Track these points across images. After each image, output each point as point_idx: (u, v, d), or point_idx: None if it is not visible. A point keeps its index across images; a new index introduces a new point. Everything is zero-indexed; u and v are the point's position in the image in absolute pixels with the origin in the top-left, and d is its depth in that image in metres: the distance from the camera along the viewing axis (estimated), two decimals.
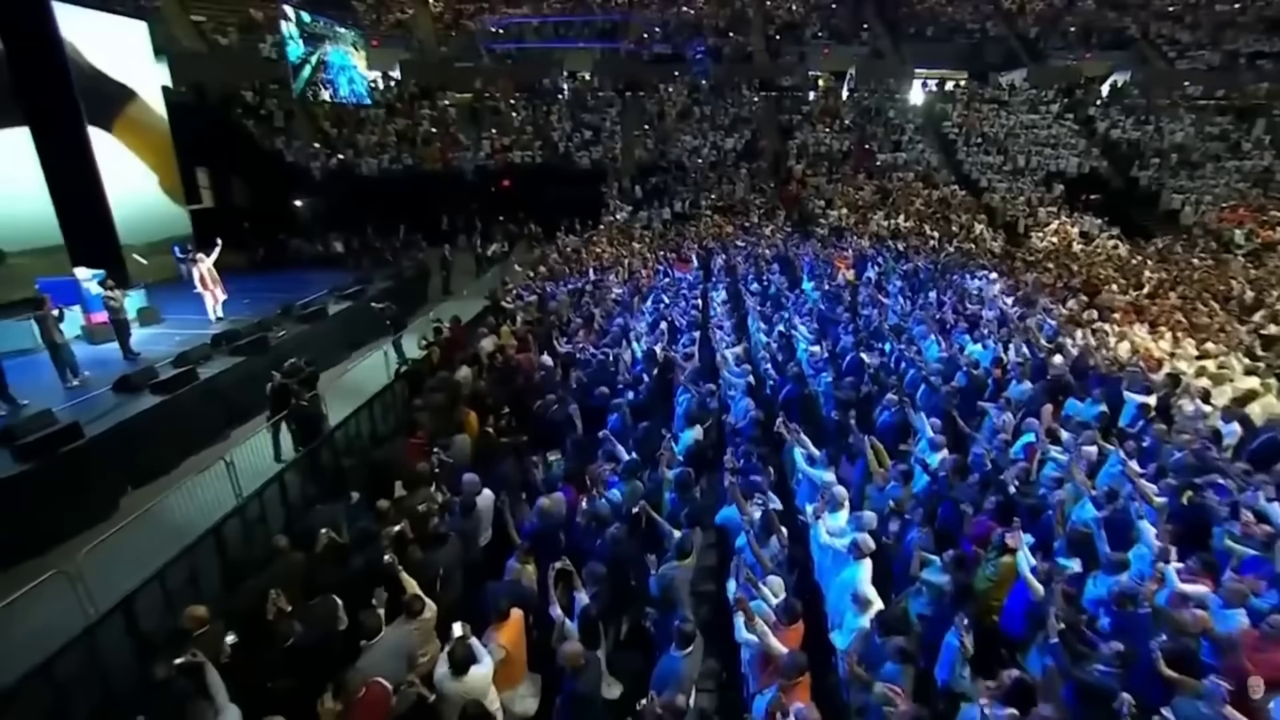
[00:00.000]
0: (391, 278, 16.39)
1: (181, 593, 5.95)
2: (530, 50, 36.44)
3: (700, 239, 20.59)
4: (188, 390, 9.82)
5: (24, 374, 10.40)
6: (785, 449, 7.19)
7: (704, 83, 32.17)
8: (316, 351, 12.45)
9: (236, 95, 26.53)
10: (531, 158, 27.40)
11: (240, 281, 16.79)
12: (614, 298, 12.74)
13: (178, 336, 12.43)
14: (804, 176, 26.44)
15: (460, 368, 9.31)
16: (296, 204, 24.41)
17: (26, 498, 7.69)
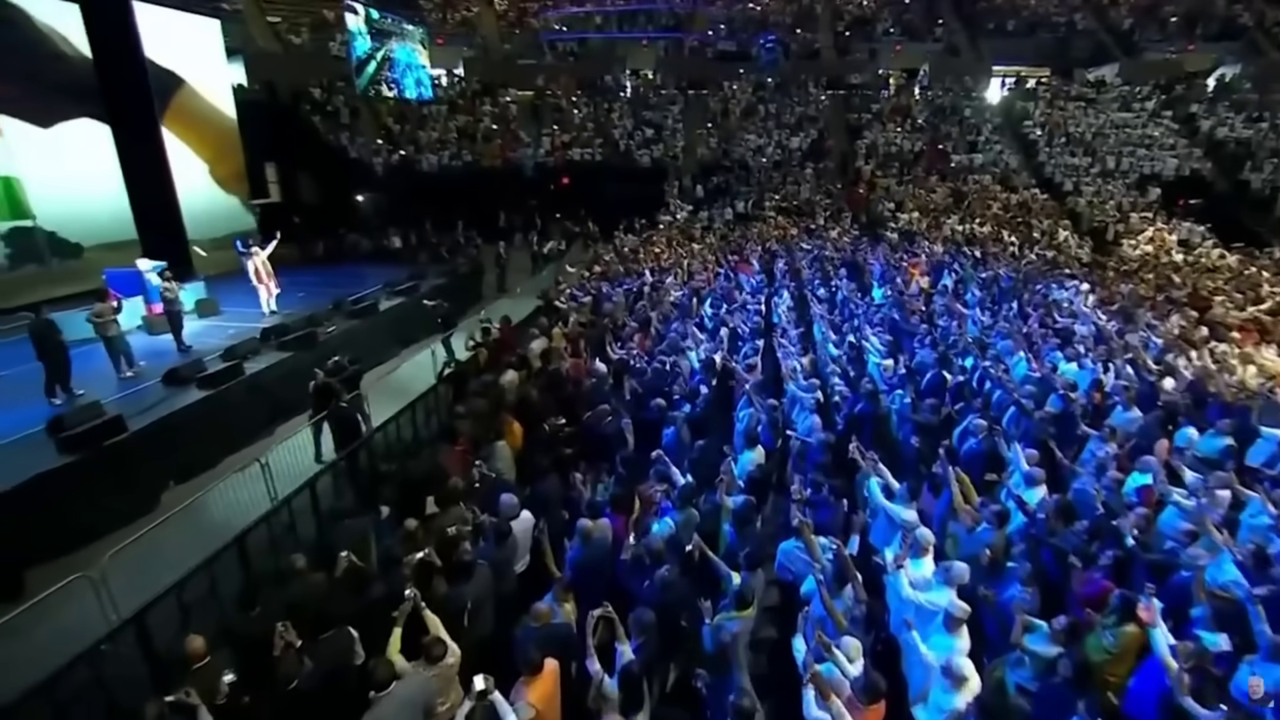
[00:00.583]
0: (445, 274, 16.18)
1: (200, 606, 5.61)
2: (593, 47, 36.17)
3: (763, 241, 19.75)
4: (233, 385, 9.65)
5: (90, 362, 10.44)
6: (858, 478, 6.41)
7: (770, 79, 31.18)
8: (365, 348, 12.26)
9: (305, 92, 27.00)
10: (591, 155, 27.01)
11: (298, 275, 16.89)
12: (672, 301, 12.09)
13: (231, 329, 12.40)
14: (873, 178, 25.25)
15: (506, 371, 8.81)
16: (358, 199, 24.63)
17: (69, 490, 7.56)
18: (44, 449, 7.80)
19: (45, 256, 15.00)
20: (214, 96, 18.32)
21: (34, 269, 14.79)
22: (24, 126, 14.51)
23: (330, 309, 12.93)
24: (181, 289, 11.64)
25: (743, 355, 9.54)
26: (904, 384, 8.39)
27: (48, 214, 14.82)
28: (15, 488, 7.17)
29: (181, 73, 17.24)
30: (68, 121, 15.28)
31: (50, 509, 7.37)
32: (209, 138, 18.09)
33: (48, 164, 14.70)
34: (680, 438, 6.98)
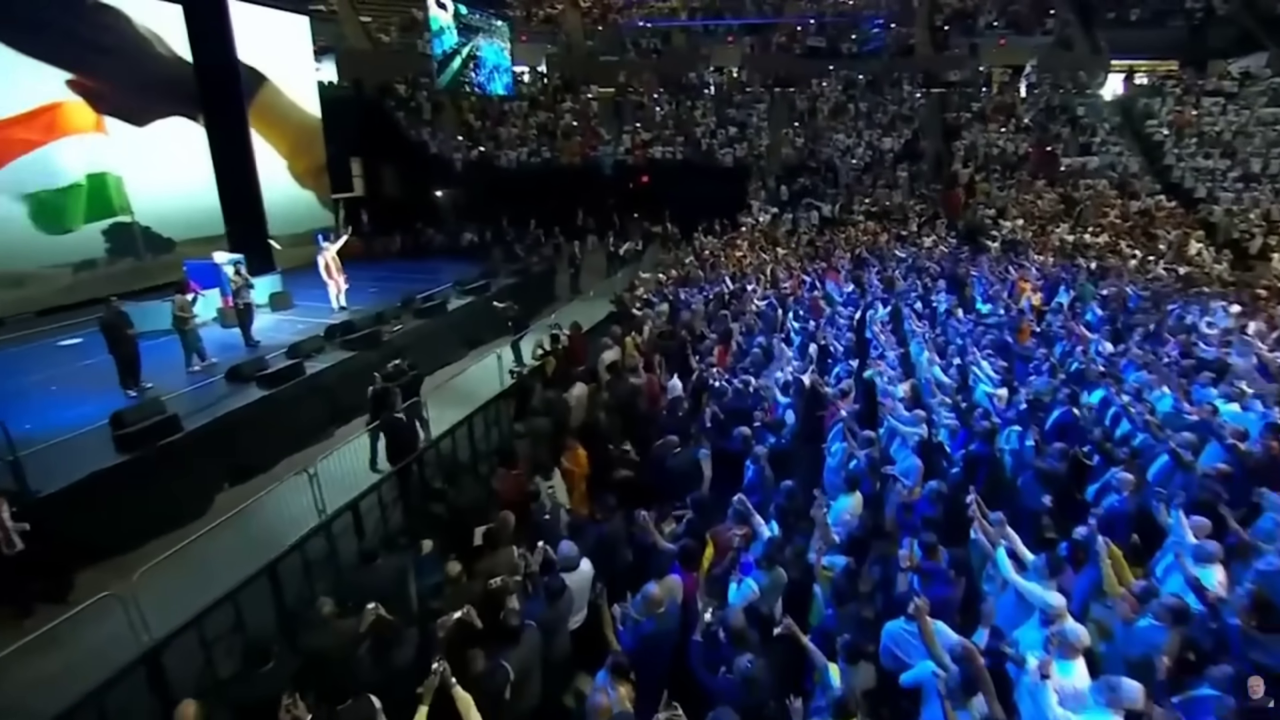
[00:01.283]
0: (518, 273, 15.72)
1: (220, 642, 5.12)
2: (676, 45, 35.40)
3: (852, 247, 18.47)
4: (293, 385, 9.34)
5: (164, 354, 10.45)
6: (974, 539, 5.35)
7: (862, 76, 29.57)
8: (431, 349, 11.89)
9: (391, 88, 27.28)
10: (672, 154, 26.24)
11: (372, 270, 16.85)
12: (755, 310, 11.14)
13: (300, 324, 12.25)
14: (972, 182, 23.44)
15: (574, 385, 8.11)
16: (437, 195, 24.66)
17: (123, 490, 7.35)
18: (106, 444, 7.63)
19: (140, 250, 15.40)
20: (297, 93, 18.51)
21: (131, 262, 15.21)
22: (123, 125, 14.93)
23: (399, 306, 12.61)
24: (252, 284, 11.49)
25: (834, 377, 8.52)
26: (1024, 421, 7.20)
27: (142, 209, 15.19)
28: (70, 486, 6.98)
29: (267, 70, 17.46)
30: (162, 120, 15.67)
31: (103, 509, 7.17)
32: (289, 134, 18.29)
33: (143, 161, 15.07)
34: (764, 477, 6.08)
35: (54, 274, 13.91)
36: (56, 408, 8.83)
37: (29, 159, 13.36)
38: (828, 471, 6.97)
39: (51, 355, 11.21)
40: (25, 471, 6.93)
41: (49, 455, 7.50)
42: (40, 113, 13.50)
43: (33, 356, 11.14)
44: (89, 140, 14.30)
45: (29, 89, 13.24)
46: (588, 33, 36.33)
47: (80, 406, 8.81)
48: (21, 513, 6.35)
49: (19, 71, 13.05)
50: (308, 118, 18.99)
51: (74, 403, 8.98)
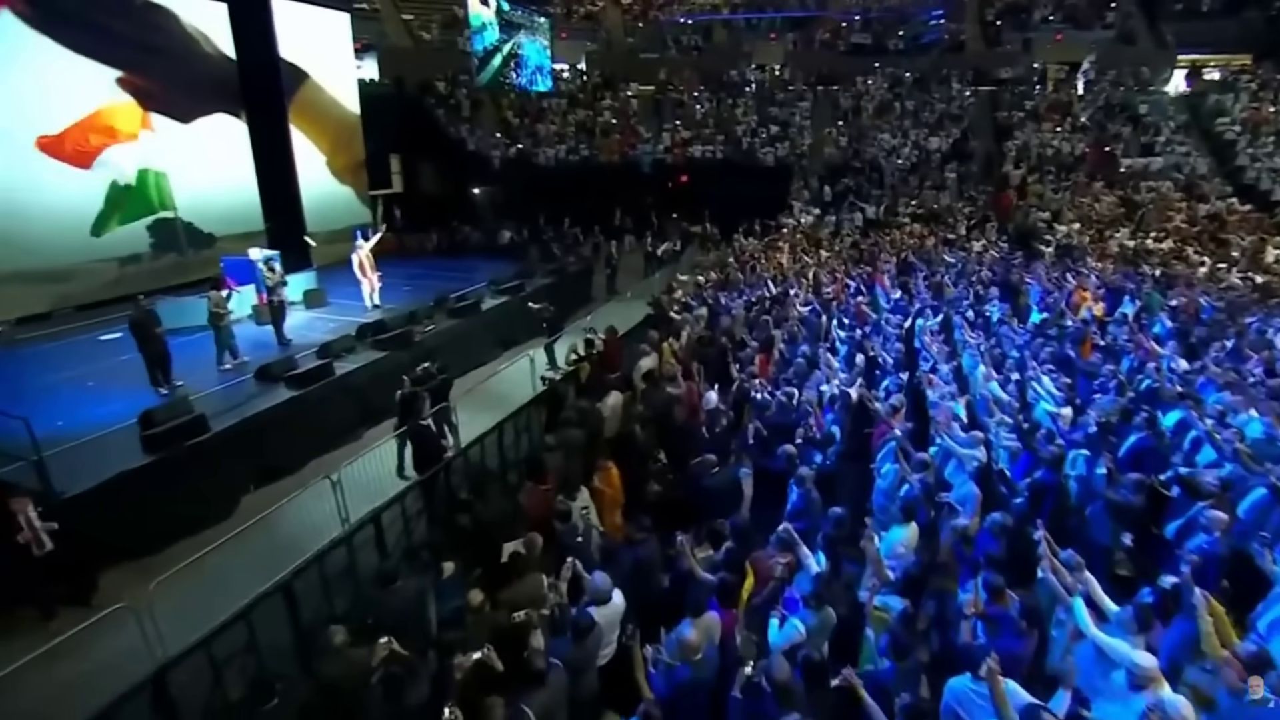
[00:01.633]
0: (554, 273, 15.45)
1: (233, 661, 4.87)
2: (718, 42, 34.84)
3: (898, 251, 17.77)
4: (322, 386, 9.17)
5: (199, 350, 10.44)
6: (1041, 580, 4.82)
7: (909, 74, 28.68)
8: (464, 350, 11.67)
9: (431, 85, 27.29)
10: (712, 152, 25.76)
11: (408, 267, 16.75)
12: (798, 316, 10.63)
13: (332, 323, 12.15)
14: (1023, 183, 22.48)
15: (609, 394, 7.75)
16: (474, 192, 24.59)
17: (149, 491, 7.22)
18: (134, 444, 7.52)
19: (183, 246, 15.52)
20: (337, 90, 18.53)
21: (173, 257, 15.34)
22: (168, 123, 15.05)
23: (432, 306, 12.42)
24: (286, 281, 11.39)
25: (883, 391, 8.01)
26: (1094, 445, 6.60)
27: (185, 205, 15.30)
28: (96, 487, 6.87)
29: (308, 66, 17.49)
30: (206, 117, 15.78)
31: (129, 510, 7.06)
32: (329, 131, 18.31)
33: (187, 157, 15.18)
34: (810, 501, 5.64)
35: (99, 269, 14.06)
36: (89, 404, 8.80)
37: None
38: (877, 494, 6.49)
39: (91, 350, 11.27)
40: (52, 471, 6.85)
41: (77, 454, 7.44)
42: (98, 115, 13.71)
43: (73, 351, 11.24)
44: (136, 141, 14.45)
45: (83, 87, 13.40)
46: (628, 30, 35.98)
47: (113, 403, 8.77)
48: (47, 514, 6.25)
49: (74, 70, 13.20)
50: (347, 114, 19.02)
51: (107, 399, 8.95)
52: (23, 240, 12.52)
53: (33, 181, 12.61)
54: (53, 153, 12.93)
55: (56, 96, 12.97)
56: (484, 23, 24.36)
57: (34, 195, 12.60)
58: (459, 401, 8.92)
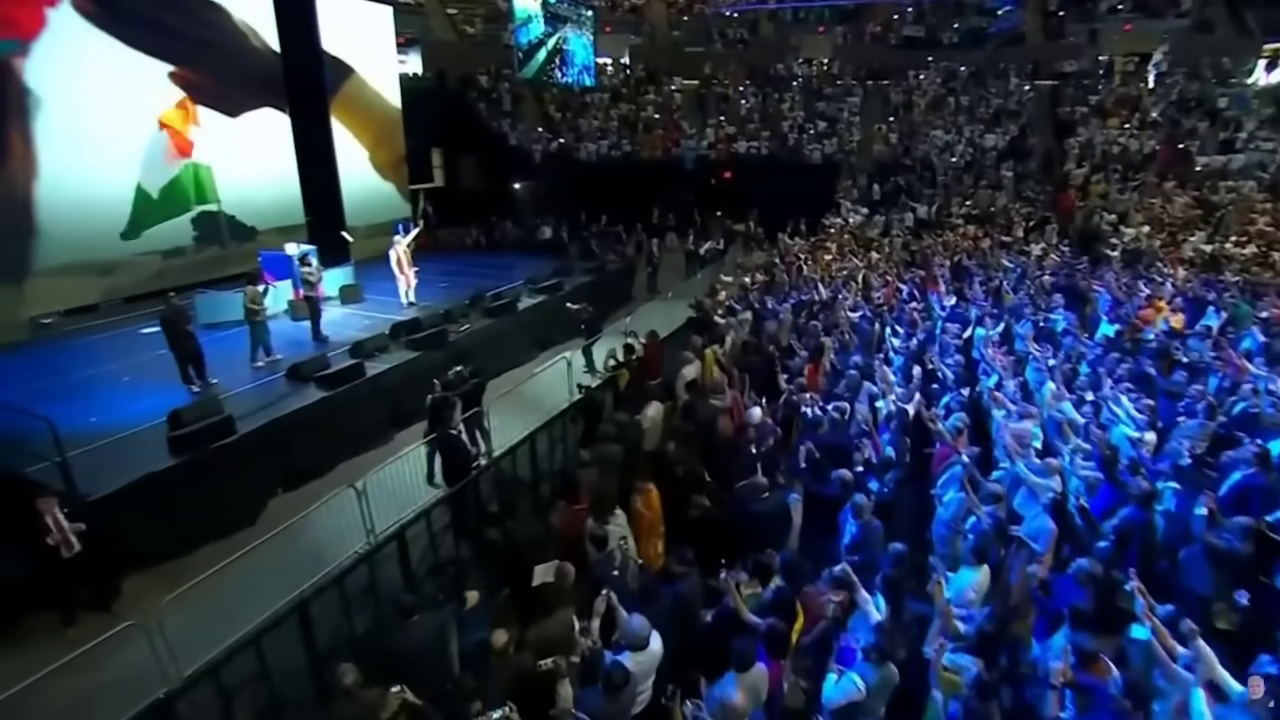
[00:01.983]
0: (593, 271, 15.05)
1: (242, 690, 4.58)
2: (764, 35, 34.07)
3: (951, 253, 16.94)
4: (353, 387, 8.92)
5: (236, 345, 10.34)
6: (1134, 642, 4.23)
7: (964, 68, 27.53)
8: (499, 350, 11.37)
9: (473, 80, 27.16)
10: (757, 149, 25.12)
11: (445, 264, 16.58)
12: (849, 323, 10.04)
13: (367, 320, 11.96)
14: (1086, 183, 21.33)
15: (649, 405, 7.30)
16: (515, 187, 24.37)
17: (174, 494, 7.03)
18: (162, 444, 7.35)
19: (225, 239, 15.57)
20: (379, 84, 18.44)
21: (216, 250, 15.39)
22: (215, 116, 15.10)
23: (467, 304, 12.13)
24: (322, 277, 11.22)
25: (942, 408, 7.41)
26: (1189, 479, 5.94)
27: (228, 198, 15.32)
28: (121, 489, 6.69)
29: (351, 60, 17.40)
30: (252, 111, 15.79)
31: (154, 513, 6.88)
32: (371, 125, 18.24)
33: (231, 151, 15.20)
34: (869, 534, 5.13)
35: (144, 262, 14.16)
36: (123, 401, 8.71)
37: (139, 151, 13.67)
38: (938, 523, 5.93)
39: (131, 343, 11.26)
40: (79, 471, 6.71)
41: (106, 453, 7.31)
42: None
43: (114, 344, 11.26)
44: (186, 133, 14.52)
45: (138, 82, 13.47)
46: (673, 23, 35.43)
47: (146, 399, 8.66)
48: (72, 515, 6.08)
49: (130, 66, 13.27)
50: (389, 109, 18.94)
51: (140, 395, 8.85)
52: (73, 233, 12.64)
53: (83, 175, 12.70)
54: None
55: (113, 91, 13.03)
56: (529, 15, 24.05)
57: (83, 190, 12.69)
58: (492, 405, 8.58)
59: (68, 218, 12.44)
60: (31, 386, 9.18)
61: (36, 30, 11.98)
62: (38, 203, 12.13)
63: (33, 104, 11.96)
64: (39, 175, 12.10)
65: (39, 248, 12.27)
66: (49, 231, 12.30)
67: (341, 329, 11.40)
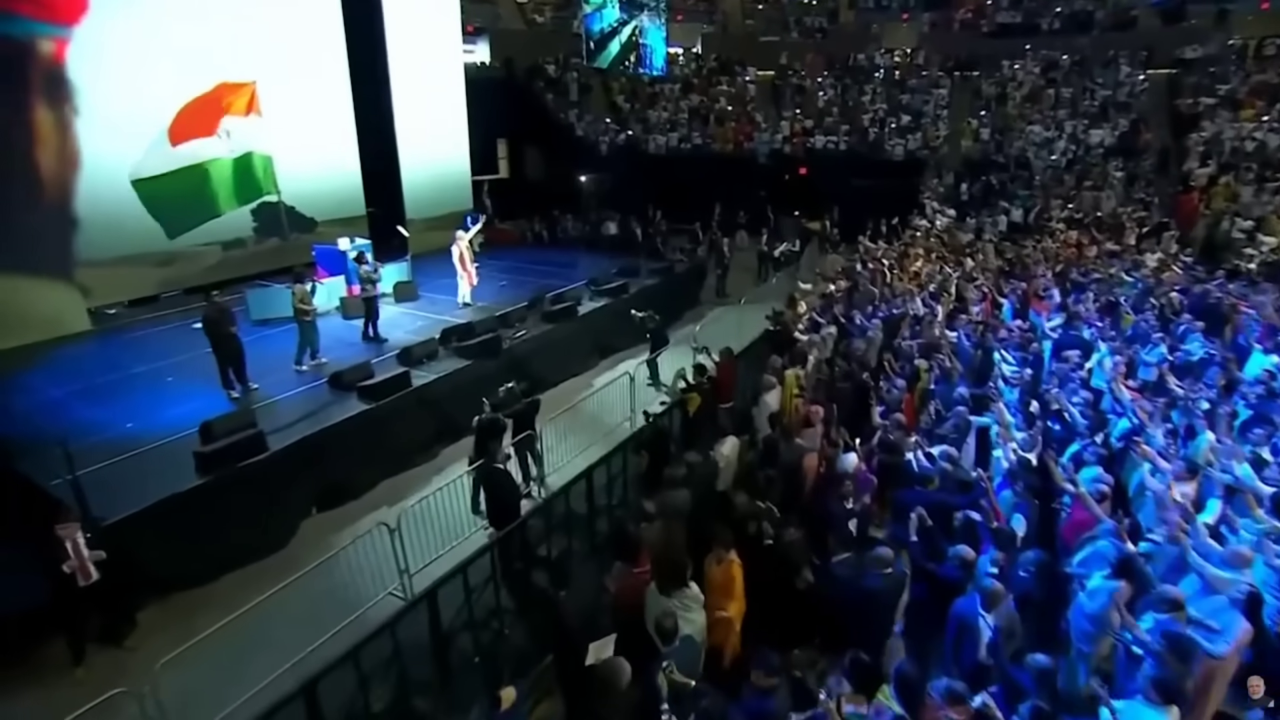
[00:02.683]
0: (659, 273, 14.06)
1: None
2: (844, 23, 32.31)
3: (1053, 262, 15.24)
4: (397, 398, 8.21)
5: (281, 345, 9.89)
6: None
7: (1096, 31, 25.15)
8: (557, 357, 10.58)
9: (540, 69, 26.52)
10: (835, 143, 23.67)
11: (505, 259, 15.94)
12: (949, 344, 8.76)
13: (420, 321, 11.35)
14: (1211, 184, 19.09)
15: (725, 441, 6.31)
16: (580, 179, 23.61)
17: (199, 516, 6.44)
18: (191, 458, 6.77)
19: (285, 230, 15.20)
20: (444, 73, 17.88)
21: (275, 242, 15.05)
22: (274, 103, 14.70)
23: (525, 307, 11.34)
24: (378, 276, 10.59)
25: (1070, 459, 6.17)
26: None
27: (287, 189, 14.92)
28: (141, 511, 6.12)
29: (416, 48, 16.85)
30: (313, 99, 15.40)
31: (176, 537, 6.30)
32: (435, 114, 17.69)
33: (291, 139, 14.82)
34: (1005, 633, 4.03)
35: (204, 252, 13.90)
36: (162, 404, 8.25)
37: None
38: (1078, 615, 4.75)
39: (183, 339, 10.87)
40: (104, 488, 6.19)
41: (131, 468, 6.79)
42: (214, 94, 13.46)
43: (166, 340, 10.95)
44: (245, 119, 14.17)
45: (196, 67, 13.17)
46: (747, 11, 34.06)
47: (185, 403, 8.20)
48: (94, 540, 5.53)
49: (176, 49, 12.97)
50: (454, 98, 18.37)
51: (180, 399, 8.40)
52: (134, 224, 12.41)
53: (144, 164, 12.45)
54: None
55: (173, 79, 12.74)
56: (603, 0, 23.16)
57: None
58: (546, 426, 7.75)
59: (125, 209, 12.19)
60: (79, 385, 8.89)
61: (79, 15, 11.65)
62: (79, 194, 11.83)
63: (73, 91, 11.59)
64: (81, 165, 11.80)
65: (81, 239, 12.00)
66: (93, 223, 12.01)
67: (392, 330, 10.80)
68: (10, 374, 9.23)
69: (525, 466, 7.56)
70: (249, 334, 10.20)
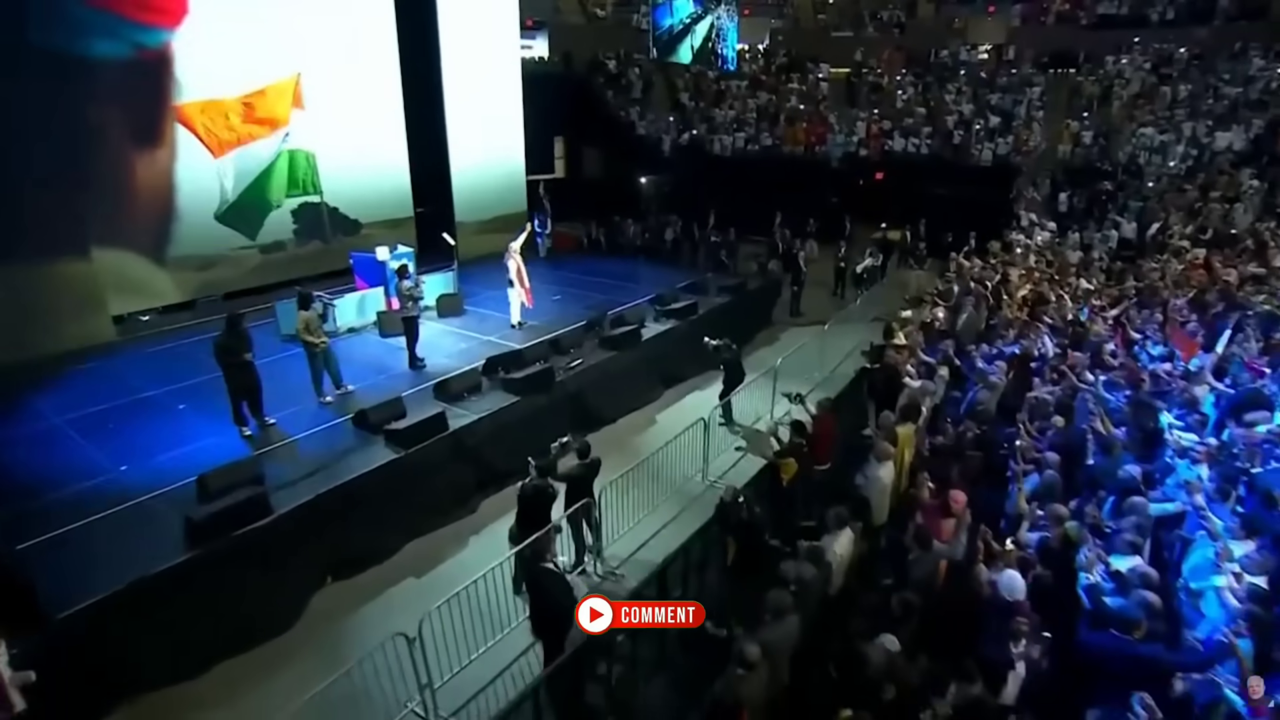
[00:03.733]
0: (731, 291, 12.51)
1: None
2: (923, 17, 30.14)
3: (1180, 288, 13.06)
4: (431, 444, 6.97)
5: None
6: None
7: (1217, 22, 22.64)
8: (617, 391, 9.28)
9: (601, 64, 25.30)
10: (916, 147, 21.77)
11: (560, 270, 14.71)
12: (1098, 402, 7.04)
13: (464, 343, 10.13)
14: None
15: (836, 535, 4.85)
16: (641, 181, 22.26)
17: (184, 597, 5.27)
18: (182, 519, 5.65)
19: (327, 233, 14.30)
20: (500, 67, 16.77)
21: (317, 245, 14.16)
22: (318, 99, 13.77)
23: (581, 331, 10.01)
24: (421, 293, 9.37)
25: None
26: None
27: (330, 189, 14.03)
28: (109, 597, 4.93)
29: (472, 43, 15.76)
30: (360, 95, 14.44)
31: (155, 624, 5.14)
32: (488, 111, 16.57)
33: (336, 137, 13.91)
34: None
35: (244, 256, 13.11)
36: (168, 440, 7.21)
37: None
38: None
39: (205, 356, 9.90)
40: (70, 561, 5.11)
41: (115, 529, 5.68)
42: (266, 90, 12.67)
43: (190, 354, 9.89)
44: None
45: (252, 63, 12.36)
46: (818, 5, 32.19)
47: (194, 439, 7.18)
48: (36, 647, 4.38)
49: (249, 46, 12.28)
50: (510, 93, 17.23)
51: (189, 433, 7.38)
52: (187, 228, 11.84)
53: (184, 164, 11.70)
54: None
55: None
56: None
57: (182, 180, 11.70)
58: (605, 489, 6.39)
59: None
60: (82, 410, 7.95)
61: (181, 16, 11.30)
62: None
63: (177, 91, 11.36)
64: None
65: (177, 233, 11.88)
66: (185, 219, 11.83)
67: (433, 352, 9.59)
68: (15, 392, 8.35)
69: (580, 538, 6.24)
70: (275, 352, 9.25)
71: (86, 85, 10.61)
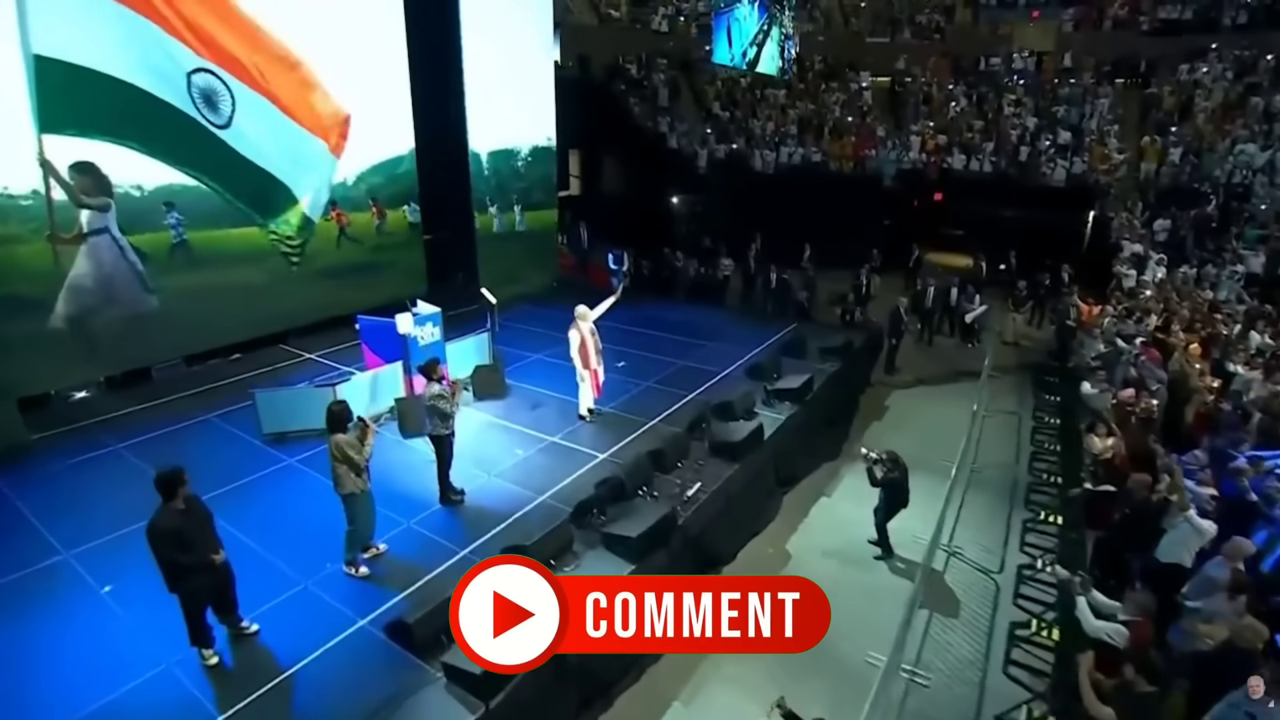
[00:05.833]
0: (837, 354, 9.77)
1: None
2: (962, 22, 27.86)
3: None
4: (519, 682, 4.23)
5: (308, 496, 6.15)
6: None
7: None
8: (733, 515, 6.56)
9: (620, 69, 22.70)
10: (979, 165, 19.40)
11: (611, 318, 11.85)
12: None
13: (519, 448, 7.28)
14: None
15: None
16: (672, 201, 19.60)
17: None
18: None
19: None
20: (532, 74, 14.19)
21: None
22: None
23: (683, 436, 7.19)
24: (458, 391, 6.52)
25: None
26: None
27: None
28: None
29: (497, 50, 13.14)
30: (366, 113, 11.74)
31: None
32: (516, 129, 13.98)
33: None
34: None
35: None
36: (75, 670, 4.41)
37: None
38: None
39: (161, 458, 7.11)
40: None
41: None
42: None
43: (127, 473, 7.05)
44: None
45: None
46: (847, 9, 29.78)
47: (119, 674, 4.36)
48: None
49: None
50: (542, 105, 14.63)
51: (112, 653, 4.53)
52: None
53: None
54: None
55: None
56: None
57: None
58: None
59: None
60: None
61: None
62: None
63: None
64: None
65: None
66: None
67: (476, 465, 6.76)
68: None
69: None
70: (259, 465, 6.48)
71: None
